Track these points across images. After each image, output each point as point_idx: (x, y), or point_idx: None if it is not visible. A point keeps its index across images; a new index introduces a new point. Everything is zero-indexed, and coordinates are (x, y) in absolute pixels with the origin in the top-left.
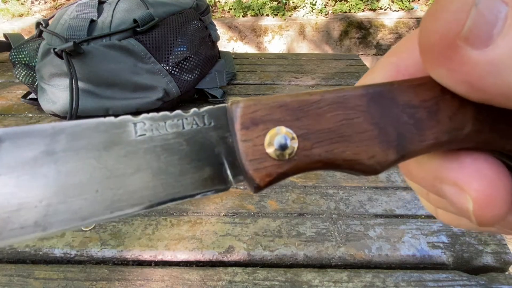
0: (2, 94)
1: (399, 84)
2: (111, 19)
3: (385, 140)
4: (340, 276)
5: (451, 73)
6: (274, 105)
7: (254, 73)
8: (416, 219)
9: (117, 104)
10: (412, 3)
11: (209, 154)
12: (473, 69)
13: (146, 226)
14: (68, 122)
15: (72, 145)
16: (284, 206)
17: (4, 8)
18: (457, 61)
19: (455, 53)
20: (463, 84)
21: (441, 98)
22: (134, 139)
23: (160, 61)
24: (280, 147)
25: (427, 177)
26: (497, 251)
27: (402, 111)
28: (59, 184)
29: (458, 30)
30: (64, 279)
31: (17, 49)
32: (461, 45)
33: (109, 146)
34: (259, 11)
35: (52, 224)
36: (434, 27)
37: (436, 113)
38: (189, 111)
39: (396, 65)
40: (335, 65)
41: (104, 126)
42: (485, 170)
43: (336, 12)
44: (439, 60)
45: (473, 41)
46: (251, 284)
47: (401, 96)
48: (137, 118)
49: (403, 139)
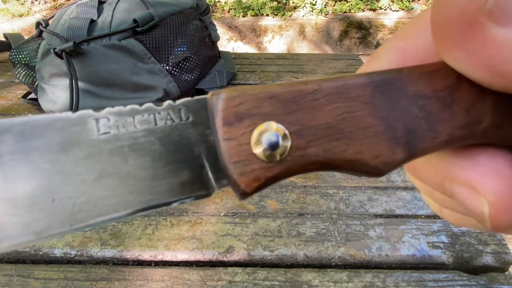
0: (2, 94)
1: (409, 71)
2: (111, 19)
3: (392, 137)
4: (340, 276)
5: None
6: (262, 96)
7: (254, 73)
8: (416, 219)
9: (117, 104)
10: (412, 3)
11: (187, 155)
12: (498, 51)
13: (146, 226)
14: (16, 119)
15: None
16: (284, 206)
17: (4, 8)
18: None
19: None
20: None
21: (456, 88)
22: (96, 138)
23: (160, 61)
24: (270, 146)
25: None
26: (497, 251)
27: (412, 103)
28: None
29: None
30: (64, 279)
31: (17, 49)
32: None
33: (66, 147)
34: (259, 11)
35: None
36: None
37: (450, 105)
38: (163, 104)
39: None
40: (335, 65)
41: (60, 123)
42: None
43: (336, 12)
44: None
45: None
46: (251, 284)
47: (411, 86)
48: (100, 113)
49: (413, 135)
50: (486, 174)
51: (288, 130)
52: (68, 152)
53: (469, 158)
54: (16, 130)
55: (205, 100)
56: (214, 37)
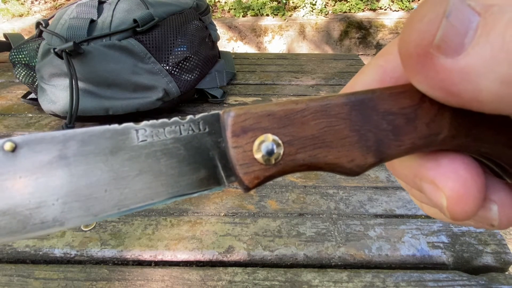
0: (2, 94)
1: (381, 92)
2: (111, 19)
3: (364, 145)
4: (340, 276)
5: (428, 80)
6: (262, 114)
7: (254, 73)
8: (416, 219)
9: (117, 104)
10: (412, 3)
11: (204, 157)
12: (447, 76)
13: (146, 226)
14: (76, 130)
15: (82, 150)
16: (284, 206)
17: (4, 8)
18: (433, 69)
19: (430, 61)
20: (440, 90)
21: (419, 106)
22: (136, 145)
23: (160, 61)
24: (267, 153)
25: (408, 175)
26: (497, 251)
27: (381, 118)
28: (73, 185)
29: (430, 39)
30: (64, 279)
31: (17, 49)
32: (434, 54)
33: (114, 151)
34: (259, 11)
35: (68, 220)
36: (410, 37)
37: (414, 120)
38: (186, 118)
39: (383, 67)
40: (335, 65)
41: (109, 133)
42: (460, 170)
43: (336, 12)
44: (417, 68)
45: (445, 50)
46: (251, 284)
47: (382, 104)
48: (139, 126)
49: (381, 144)
50: (445, 174)
51: (282, 140)
52: (116, 155)
53: (434, 160)
54: (78, 138)
55: (218, 115)
56: (214, 37)
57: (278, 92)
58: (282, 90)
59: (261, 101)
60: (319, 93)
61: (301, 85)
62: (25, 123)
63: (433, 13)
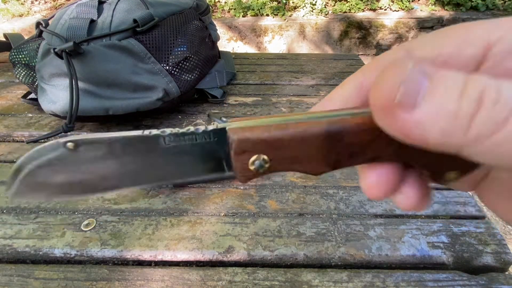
0: (2, 94)
1: (351, 126)
2: (111, 19)
3: (326, 162)
4: (340, 276)
5: (392, 126)
6: (258, 142)
7: (254, 73)
8: (416, 219)
9: (117, 104)
10: (412, 3)
11: (213, 157)
12: (405, 125)
13: (146, 226)
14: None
15: (125, 149)
16: (284, 206)
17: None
18: (394, 119)
19: (392, 113)
20: (399, 134)
21: (374, 140)
22: (164, 147)
23: (160, 61)
24: (258, 167)
25: None
26: (497, 251)
27: (344, 147)
28: (123, 169)
29: (392, 97)
30: (64, 279)
31: (17, 49)
32: (395, 109)
33: (150, 150)
34: (259, 11)
35: (121, 188)
36: (377, 95)
37: (366, 149)
38: (200, 130)
39: (361, 82)
40: (335, 65)
41: (143, 138)
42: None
43: (336, 12)
44: (384, 117)
45: (403, 106)
46: (251, 284)
47: (348, 138)
48: (165, 133)
49: (338, 163)
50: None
51: (269, 158)
52: (151, 152)
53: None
54: (120, 141)
55: (225, 129)
56: (214, 37)
57: (278, 92)
58: (282, 90)
59: (261, 101)
60: (319, 93)
61: (301, 85)
62: (25, 123)
63: (394, 79)
